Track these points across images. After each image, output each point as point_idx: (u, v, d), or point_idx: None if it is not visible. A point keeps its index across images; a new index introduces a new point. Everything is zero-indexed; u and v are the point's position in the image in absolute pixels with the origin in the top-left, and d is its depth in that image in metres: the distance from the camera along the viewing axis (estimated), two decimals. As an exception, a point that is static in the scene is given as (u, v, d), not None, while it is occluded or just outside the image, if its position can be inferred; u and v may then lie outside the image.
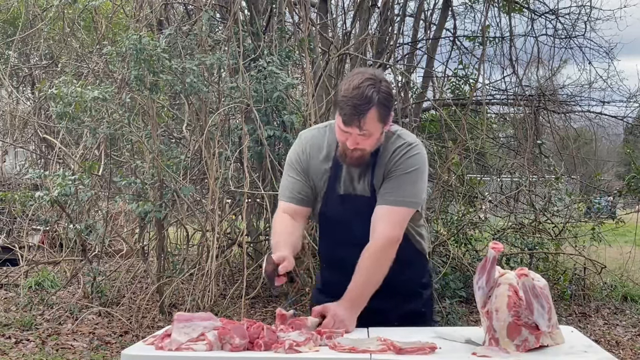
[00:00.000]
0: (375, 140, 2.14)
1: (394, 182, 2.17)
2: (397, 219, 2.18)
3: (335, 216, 2.27)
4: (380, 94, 2.05)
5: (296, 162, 2.31)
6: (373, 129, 2.08)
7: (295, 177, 2.30)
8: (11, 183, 9.05)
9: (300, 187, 2.29)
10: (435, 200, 6.27)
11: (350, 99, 2.04)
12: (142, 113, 5.47)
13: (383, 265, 2.16)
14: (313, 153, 2.28)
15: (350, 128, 2.07)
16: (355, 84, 2.05)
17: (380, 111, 2.06)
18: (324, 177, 2.26)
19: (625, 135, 13.31)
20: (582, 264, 6.72)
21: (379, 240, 2.15)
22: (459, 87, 8.27)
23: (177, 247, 6.37)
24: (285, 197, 2.31)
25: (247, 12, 6.28)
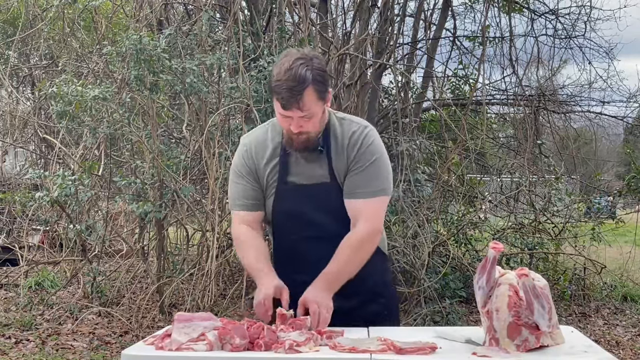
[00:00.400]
0: (318, 121, 2.10)
1: (364, 174, 2.13)
2: (378, 209, 2.17)
3: (290, 209, 2.20)
4: (313, 71, 2.01)
5: (242, 167, 2.25)
6: (314, 108, 2.04)
7: (245, 183, 2.23)
8: (11, 183, 9.05)
9: (252, 193, 2.23)
10: (435, 200, 6.27)
11: (285, 82, 2.00)
12: (142, 113, 5.47)
13: (362, 257, 2.15)
14: (258, 153, 2.23)
15: (290, 112, 2.03)
16: (286, 67, 2.01)
17: (317, 88, 2.02)
18: (273, 172, 2.19)
19: (625, 135, 13.32)
20: (582, 264, 6.72)
21: (363, 231, 2.13)
22: (459, 87, 8.29)
23: (177, 247, 6.37)
24: (239, 206, 2.25)
25: (247, 12, 6.28)
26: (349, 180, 2.15)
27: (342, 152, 2.16)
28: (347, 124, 2.20)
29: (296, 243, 2.21)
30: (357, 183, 2.14)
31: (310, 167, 2.17)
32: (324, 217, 2.17)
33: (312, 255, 2.16)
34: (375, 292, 2.27)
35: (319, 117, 2.10)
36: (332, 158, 2.16)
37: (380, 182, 2.16)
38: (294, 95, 1.99)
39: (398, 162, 5.73)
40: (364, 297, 2.22)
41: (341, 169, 2.16)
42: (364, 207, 2.13)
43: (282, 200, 2.20)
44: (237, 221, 2.26)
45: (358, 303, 2.19)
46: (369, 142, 2.16)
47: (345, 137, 2.17)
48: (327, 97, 2.10)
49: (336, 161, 2.16)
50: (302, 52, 2.06)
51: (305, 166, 2.17)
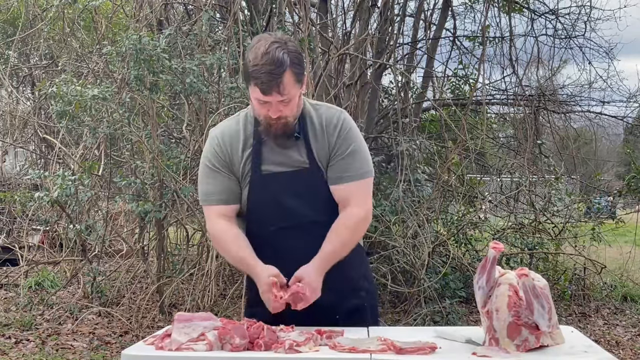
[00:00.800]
0: (295, 105, 2.08)
1: (349, 159, 2.13)
2: (367, 191, 2.18)
3: (267, 198, 2.15)
4: (290, 54, 1.99)
5: (215, 159, 2.18)
6: (292, 92, 2.02)
7: (219, 176, 2.17)
8: (11, 183, 9.06)
9: (228, 186, 2.17)
10: (435, 200, 6.28)
11: (263, 66, 1.96)
12: (142, 113, 5.47)
13: (357, 239, 2.16)
14: (232, 144, 2.17)
15: (270, 97, 2.00)
16: (262, 51, 1.98)
17: (295, 71, 2.00)
18: (247, 162, 2.15)
19: (625, 135, 13.32)
20: (582, 264, 6.72)
21: (358, 213, 2.12)
22: (459, 87, 8.28)
23: (177, 247, 6.37)
24: (215, 201, 2.18)
25: (247, 12, 6.28)
26: (335, 166, 2.14)
27: (322, 137, 2.15)
28: (322, 110, 2.19)
29: (273, 234, 2.16)
30: (344, 167, 2.13)
31: (287, 153, 2.14)
32: (302, 204, 2.14)
33: (290, 245, 2.14)
34: (355, 287, 2.26)
35: (297, 101, 2.08)
36: (310, 143, 2.14)
37: (365, 164, 2.17)
38: (274, 79, 1.97)
39: (398, 162, 5.73)
40: (344, 292, 2.20)
41: (322, 154, 2.14)
42: (353, 190, 2.13)
43: (258, 190, 2.15)
44: (213, 216, 2.19)
45: (338, 298, 2.17)
46: (347, 126, 2.16)
47: (323, 123, 2.16)
48: (303, 81, 2.07)
49: (316, 146, 2.14)
50: (275, 35, 2.04)
51: (281, 153, 2.14)
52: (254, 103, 2.09)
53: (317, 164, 2.14)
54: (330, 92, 5.68)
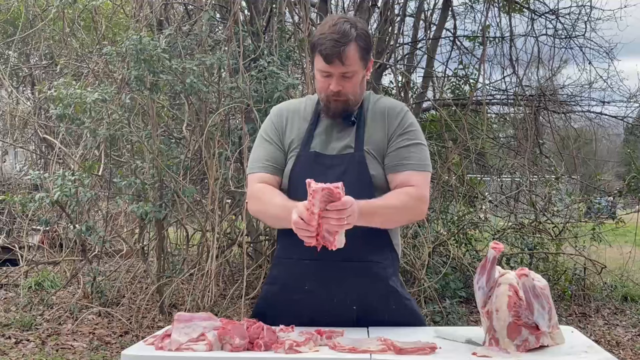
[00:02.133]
0: (356, 84, 2.07)
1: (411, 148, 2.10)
2: (426, 182, 2.13)
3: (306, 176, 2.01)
4: (358, 30, 2.02)
5: (270, 129, 2.19)
6: (355, 66, 2.03)
7: (268, 145, 2.16)
8: (11, 183, 9.06)
9: (275, 156, 2.15)
10: (435, 200, 6.27)
11: (329, 34, 1.99)
12: (142, 113, 5.47)
13: (407, 213, 2.10)
14: (289, 118, 2.18)
15: (332, 67, 2.01)
16: (331, 24, 2.02)
17: (360, 46, 2.02)
18: (298, 138, 2.14)
19: (625, 135, 13.31)
20: (582, 264, 6.72)
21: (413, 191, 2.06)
22: (459, 87, 8.28)
23: (177, 247, 6.37)
24: (259, 168, 2.15)
25: (247, 12, 6.28)
26: (396, 153, 2.10)
27: (381, 123, 2.12)
28: (384, 100, 2.21)
29: None
30: (404, 155, 2.10)
31: (336, 136, 2.13)
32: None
33: None
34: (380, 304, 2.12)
35: (359, 79, 2.07)
36: (363, 130, 2.11)
37: (426, 158, 2.15)
38: (338, 46, 1.98)
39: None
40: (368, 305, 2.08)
41: (376, 140, 2.11)
42: (413, 177, 2.08)
43: (300, 166, 2.11)
44: (254, 181, 2.16)
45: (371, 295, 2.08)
46: (410, 118, 2.15)
47: (385, 111, 2.14)
48: (368, 62, 2.09)
49: (370, 134, 2.11)
50: (346, 15, 2.09)
51: (330, 135, 2.13)
52: (317, 77, 2.09)
53: (363, 151, 2.09)
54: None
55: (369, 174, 2.08)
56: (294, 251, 2.09)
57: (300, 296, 2.08)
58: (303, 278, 2.10)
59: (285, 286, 2.14)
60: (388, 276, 2.14)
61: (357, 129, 2.12)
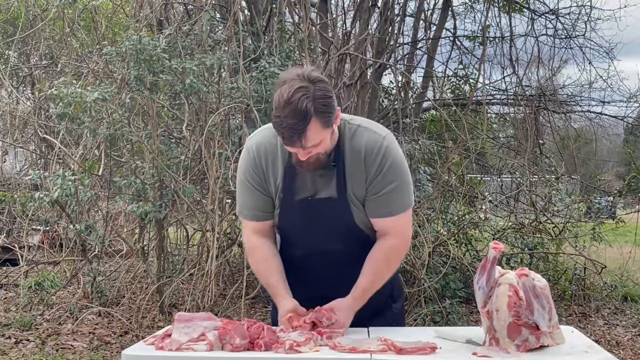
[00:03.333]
0: (327, 144, 1.97)
1: (390, 195, 2.04)
2: (406, 223, 2.13)
3: (295, 224, 2.12)
4: (315, 102, 1.85)
5: (250, 176, 2.11)
6: (319, 137, 1.91)
7: (252, 193, 2.13)
8: (11, 183, 9.05)
9: (261, 204, 2.13)
10: (435, 200, 6.27)
11: (284, 119, 1.84)
12: (142, 113, 5.47)
13: (396, 266, 2.14)
14: (267, 160, 2.09)
15: (294, 148, 1.93)
16: (285, 99, 1.83)
17: (321, 119, 1.87)
18: (279, 181, 2.09)
19: (625, 135, 13.31)
20: (582, 264, 6.72)
21: (395, 243, 2.09)
22: (459, 87, 8.29)
23: (177, 247, 6.37)
24: (249, 216, 2.16)
25: (247, 12, 6.28)
26: (373, 201, 2.05)
27: (358, 166, 2.04)
28: (364, 136, 2.05)
29: (300, 258, 2.17)
30: (382, 203, 2.06)
31: (318, 182, 2.07)
32: (329, 233, 2.10)
33: (317, 270, 2.14)
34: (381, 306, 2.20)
35: (328, 141, 1.98)
36: (344, 173, 2.05)
37: (406, 197, 2.10)
38: (296, 133, 1.85)
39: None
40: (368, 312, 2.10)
41: (357, 184, 2.05)
42: (393, 224, 2.08)
43: (287, 213, 2.12)
44: (248, 230, 2.19)
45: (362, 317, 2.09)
46: (389, 157, 2.03)
47: (362, 151, 2.03)
48: (333, 122, 1.95)
49: (350, 176, 2.05)
50: (301, 76, 1.88)
51: (311, 181, 2.07)
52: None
53: (346, 196, 2.06)
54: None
55: (353, 220, 2.09)
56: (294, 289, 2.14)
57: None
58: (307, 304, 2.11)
59: None
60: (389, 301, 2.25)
61: (337, 172, 2.05)
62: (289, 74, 1.93)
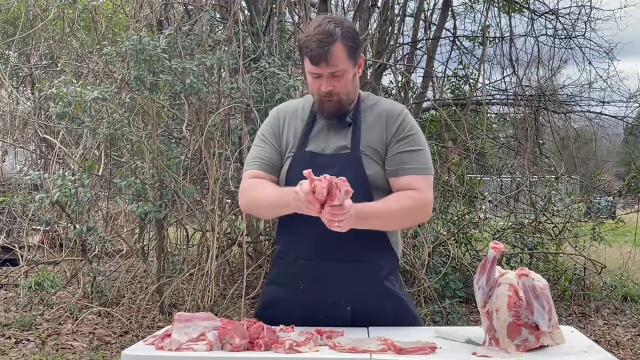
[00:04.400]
0: (348, 82, 2.06)
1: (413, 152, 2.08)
2: (429, 185, 2.11)
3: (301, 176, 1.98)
4: (343, 29, 2.02)
5: (267, 130, 2.20)
6: (343, 65, 2.02)
7: (265, 145, 2.18)
8: (11, 183, 9.06)
9: (270, 155, 2.16)
10: (435, 200, 6.27)
11: (314, 36, 1.99)
12: (142, 113, 5.47)
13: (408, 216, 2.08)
14: (286, 119, 2.19)
15: (319, 68, 2.01)
16: (315, 24, 2.03)
17: (346, 45, 2.01)
18: (295, 139, 2.14)
19: (625, 136, 13.31)
20: (582, 264, 6.73)
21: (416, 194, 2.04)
22: (459, 87, 8.29)
23: (177, 247, 6.37)
24: (253, 165, 2.17)
25: (247, 12, 6.28)
26: (395, 158, 2.08)
27: (379, 126, 2.11)
28: (383, 102, 2.19)
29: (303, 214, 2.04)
30: (405, 160, 2.08)
31: (332, 137, 2.12)
32: None
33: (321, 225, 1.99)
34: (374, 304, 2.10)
35: (350, 78, 2.06)
36: (360, 130, 2.10)
37: (427, 161, 2.12)
38: (323, 47, 1.98)
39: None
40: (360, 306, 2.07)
41: (374, 142, 2.09)
42: (415, 181, 2.07)
43: (296, 167, 2.10)
44: (247, 177, 2.18)
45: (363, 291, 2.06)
46: (409, 121, 2.13)
47: (383, 113, 2.13)
48: (357, 59, 2.08)
49: (367, 134, 2.10)
50: (332, 15, 2.08)
51: (327, 136, 2.13)
52: (308, 79, 2.10)
53: (359, 151, 2.08)
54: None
55: (365, 174, 2.07)
56: (290, 250, 2.13)
57: (295, 296, 2.09)
58: (298, 278, 2.11)
59: (282, 286, 2.15)
60: (383, 277, 2.12)
61: (353, 130, 2.11)
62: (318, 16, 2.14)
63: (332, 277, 2.07)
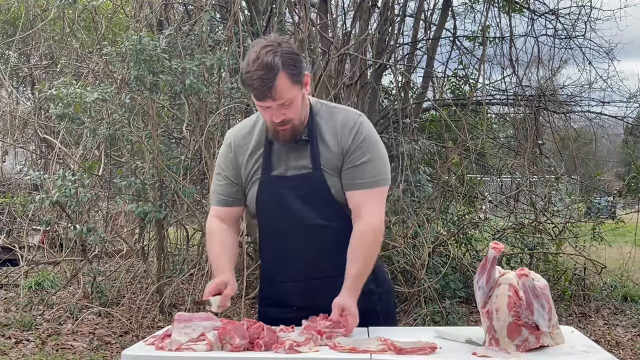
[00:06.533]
0: (299, 107, 2.04)
1: (363, 166, 2.08)
2: (380, 199, 2.13)
3: (271, 200, 2.14)
4: (282, 57, 1.94)
5: (223, 163, 2.22)
6: (289, 94, 1.97)
7: (222, 180, 2.22)
8: (11, 183, 9.06)
9: (227, 189, 2.21)
10: (436, 200, 6.27)
11: (254, 72, 1.93)
12: (142, 113, 5.47)
13: (378, 247, 2.13)
14: (241, 146, 2.18)
15: (265, 102, 1.98)
16: (253, 57, 1.95)
17: (289, 72, 1.95)
18: (257, 163, 2.15)
19: (625, 136, 13.30)
20: (582, 264, 6.72)
21: (371, 221, 2.08)
22: (459, 87, 8.29)
23: (177, 247, 6.37)
24: (214, 201, 2.26)
25: (247, 12, 6.28)
26: (347, 172, 2.09)
27: (334, 141, 2.10)
28: (338, 113, 2.15)
29: (280, 234, 2.17)
30: (355, 174, 2.09)
31: (292, 157, 2.12)
32: (306, 207, 2.11)
33: (296, 246, 2.13)
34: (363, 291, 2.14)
35: (299, 103, 2.04)
36: (317, 147, 2.10)
37: (380, 172, 2.12)
38: (266, 84, 1.93)
39: (398, 162, 5.73)
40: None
41: (332, 158, 2.10)
42: (366, 198, 2.08)
43: (265, 191, 2.15)
44: (212, 213, 2.27)
45: None
46: (363, 132, 2.10)
47: (337, 126, 2.11)
48: (302, 80, 2.03)
49: (325, 151, 2.10)
50: (268, 39, 2.00)
51: (286, 156, 2.12)
52: (258, 109, 2.08)
53: (321, 170, 2.10)
54: (330, 93, 5.68)
55: (330, 192, 2.10)
56: (276, 272, 2.23)
57: (290, 314, 2.08)
58: (290, 299, 2.18)
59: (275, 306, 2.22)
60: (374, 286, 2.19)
61: (311, 147, 2.10)
62: (256, 41, 2.05)
63: (321, 292, 2.09)
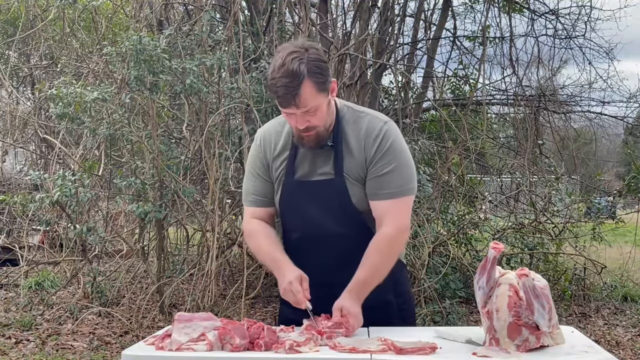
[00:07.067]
0: (324, 114, 2.02)
1: (388, 175, 2.05)
2: (403, 209, 2.09)
3: (292, 205, 2.14)
4: (309, 64, 1.91)
5: (254, 161, 2.21)
6: (314, 102, 1.95)
7: (256, 179, 2.20)
8: (11, 183, 9.06)
9: (262, 189, 2.20)
10: (435, 200, 6.27)
11: (279, 79, 1.91)
12: (142, 113, 5.47)
13: (392, 257, 2.09)
14: (270, 146, 2.17)
15: (289, 109, 1.96)
16: (279, 63, 1.92)
17: (315, 80, 1.93)
18: (282, 166, 2.14)
19: (625, 136, 13.31)
20: (582, 264, 6.72)
21: (388, 230, 2.05)
22: (459, 87, 8.29)
23: (177, 247, 6.37)
24: (250, 202, 2.23)
25: (247, 12, 6.28)
26: (372, 181, 2.07)
27: (358, 149, 2.07)
28: (364, 119, 2.11)
29: (296, 241, 2.17)
30: (380, 184, 2.06)
31: (315, 162, 2.10)
32: (325, 215, 2.09)
33: (311, 254, 2.13)
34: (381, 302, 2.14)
35: (324, 110, 2.01)
36: (342, 153, 2.08)
37: (405, 181, 2.08)
38: (290, 92, 1.91)
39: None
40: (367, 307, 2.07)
41: (355, 166, 2.07)
42: (389, 208, 2.06)
43: (287, 195, 2.15)
44: (248, 215, 2.24)
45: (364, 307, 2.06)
46: (388, 140, 2.07)
47: (362, 134, 2.08)
48: (328, 88, 2.00)
49: (349, 157, 2.07)
50: (295, 44, 1.97)
51: (310, 161, 2.11)
52: (283, 115, 2.06)
53: (343, 177, 2.07)
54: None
55: (350, 200, 2.09)
56: None
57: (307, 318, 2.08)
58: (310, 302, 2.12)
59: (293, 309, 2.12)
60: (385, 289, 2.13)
61: (335, 153, 2.09)
62: (283, 46, 2.01)
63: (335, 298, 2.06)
